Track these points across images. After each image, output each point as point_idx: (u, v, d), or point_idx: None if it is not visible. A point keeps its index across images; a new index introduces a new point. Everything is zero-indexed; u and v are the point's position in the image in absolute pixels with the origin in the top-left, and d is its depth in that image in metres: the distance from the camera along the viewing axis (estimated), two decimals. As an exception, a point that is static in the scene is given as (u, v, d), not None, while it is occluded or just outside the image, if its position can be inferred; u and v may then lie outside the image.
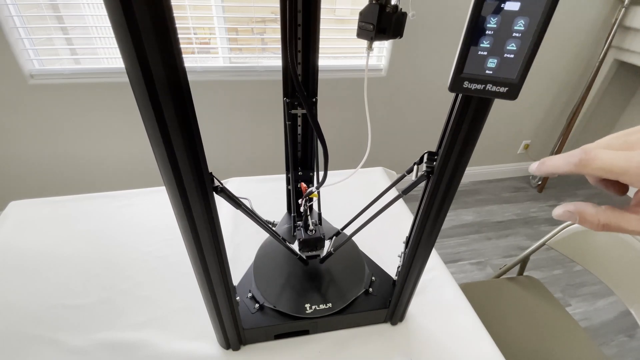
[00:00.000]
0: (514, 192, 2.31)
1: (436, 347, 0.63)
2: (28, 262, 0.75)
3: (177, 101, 0.31)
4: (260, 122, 1.79)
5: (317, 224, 0.63)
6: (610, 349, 1.40)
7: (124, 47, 0.27)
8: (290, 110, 0.63)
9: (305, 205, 0.62)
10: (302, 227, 0.63)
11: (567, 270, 1.74)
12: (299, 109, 0.63)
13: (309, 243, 0.62)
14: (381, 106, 1.89)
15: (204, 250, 0.44)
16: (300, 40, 0.56)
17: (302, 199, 0.61)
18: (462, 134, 0.39)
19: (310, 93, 0.62)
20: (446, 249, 1.84)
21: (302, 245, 0.62)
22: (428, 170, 0.44)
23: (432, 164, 0.43)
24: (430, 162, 0.44)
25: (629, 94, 2.25)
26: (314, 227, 0.62)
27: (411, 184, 0.46)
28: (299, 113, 0.65)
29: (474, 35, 0.30)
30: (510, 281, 1.07)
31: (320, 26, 0.56)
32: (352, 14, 1.69)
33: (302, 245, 0.62)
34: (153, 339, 0.62)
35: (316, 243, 0.62)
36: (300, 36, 0.56)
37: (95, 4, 1.42)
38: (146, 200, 0.93)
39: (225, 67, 1.63)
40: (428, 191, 0.45)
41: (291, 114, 0.64)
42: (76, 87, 1.51)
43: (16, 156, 1.64)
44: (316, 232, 0.62)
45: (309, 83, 0.61)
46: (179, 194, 0.38)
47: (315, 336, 0.63)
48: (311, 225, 0.62)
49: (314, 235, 0.61)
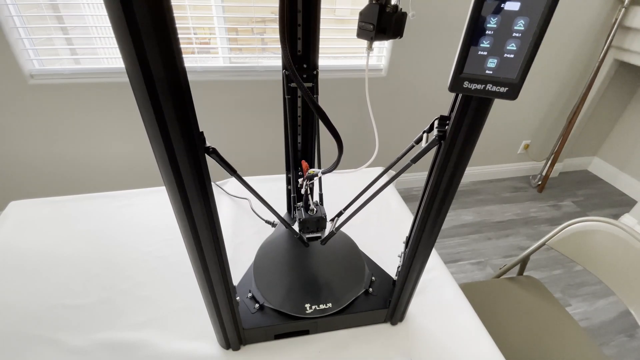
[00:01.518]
0: (514, 192, 2.31)
1: (436, 347, 0.63)
2: (28, 262, 0.75)
3: (177, 101, 0.31)
4: (260, 122, 1.79)
5: (318, 204, 0.61)
6: (610, 349, 1.40)
7: (124, 47, 0.27)
8: (290, 83, 0.60)
9: (306, 185, 0.58)
10: (302, 208, 0.60)
11: (567, 270, 1.74)
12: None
13: (310, 223, 0.59)
14: (381, 106, 1.89)
15: (204, 250, 0.44)
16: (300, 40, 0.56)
17: (304, 179, 0.58)
18: (462, 134, 0.39)
19: (311, 66, 0.59)
20: (446, 249, 1.84)
21: (303, 225, 0.59)
22: (440, 134, 0.41)
23: (444, 128, 0.41)
24: (441, 127, 0.41)
25: (629, 94, 2.25)
26: (315, 207, 0.60)
27: (421, 151, 0.43)
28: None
29: (474, 35, 0.30)
30: (510, 281, 1.07)
31: (320, 26, 0.56)
32: (352, 14, 1.69)
33: (303, 225, 0.59)
34: (153, 339, 0.62)
35: (317, 223, 0.59)
36: (300, 36, 0.56)
37: (95, 4, 1.42)
38: (146, 200, 0.93)
39: (225, 67, 1.63)
40: (439, 159, 0.42)
41: (290, 88, 0.60)
42: (76, 87, 1.51)
43: (16, 156, 1.64)
44: (317, 212, 0.59)
45: (309, 54, 0.58)
46: (179, 194, 0.38)
47: (315, 336, 0.63)
48: (312, 205, 0.60)
49: (315, 215, 0.59)
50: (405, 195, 2.21)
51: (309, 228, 0.60)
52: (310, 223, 0.59)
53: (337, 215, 0.64)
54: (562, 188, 2.37)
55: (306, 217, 0.58)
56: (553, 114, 2.22)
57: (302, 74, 0.60)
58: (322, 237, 0.63)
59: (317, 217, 0.59)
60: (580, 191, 2.35)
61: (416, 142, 0.46)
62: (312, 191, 0.62)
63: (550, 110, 2.20)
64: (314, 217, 0.59)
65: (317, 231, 0.61)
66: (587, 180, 2.47)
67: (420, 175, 2.26)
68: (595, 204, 2.23)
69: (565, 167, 2.52)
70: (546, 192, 2.32)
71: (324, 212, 0.60)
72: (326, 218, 0.60)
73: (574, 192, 2.33)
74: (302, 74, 0.60)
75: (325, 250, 0.71)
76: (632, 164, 2.30)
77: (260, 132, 1.83)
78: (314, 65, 0.60)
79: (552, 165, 2.25)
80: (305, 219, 0.59)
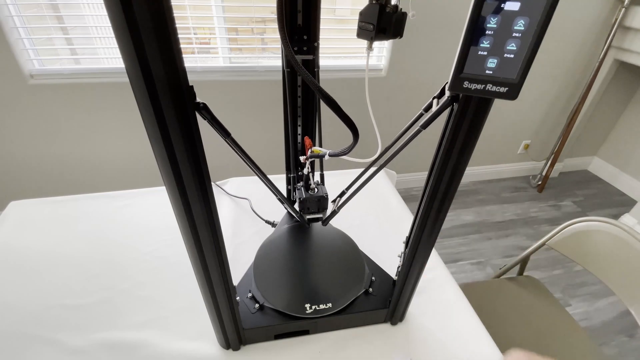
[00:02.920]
0: (514, 192, 2.31)
1: (436, 347, 0.63)
2: (28, 262, 0.74)
3: (177, 101, 0.31)
4: (260, 122, 1.79)
5: (320, 183, 0.58)
6: (610, 349, 1.40)
7: (124, 47, 0.27)
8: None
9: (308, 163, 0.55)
10: (302, 187, 0.57)
11: (567, 270, 1.74)
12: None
13: (311, 202, 0.55)
14: (381, 106, 1.89)
15: (204, 250, 0.44)
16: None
17: (306, 157, 0.54)
18: (462, 134, 0.39)
19: (311, 37, 0.57)
20: (446, 249, 1.84)
21: (303, 205, 0.56)
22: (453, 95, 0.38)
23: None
24: None
25: (629, 94, 2.25)
26: (316, 187, 0.57)
27: (432, 114, 0.41)
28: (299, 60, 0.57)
29: (474, 35, 0.30)
30: (510, 281, 1.07)
31: (320, 26, 0.56)
32: (352, 14, 1.69)
33: (303, 205, 0.56)
34: (153, 339, 0.62)
35: (319, 203, 0.56)
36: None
37: (95, 4, 1.42)
38: (146, 200, 0.93)
39: (225, 67, 1.63)
40: (452, 123, 0.40)
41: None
42: (76, 87, 1.51)
43: (16, 156, 1.64)
44: (318, 192, 0.56)
45: (309, 26, 0.56)
46: (179, 193, 0.38)
47: (315, 336, 0.63)
48: (313, 184, 0.57)
49: (317, 194, 0.56)
50: (405, 195, 2.21)
51: (309, 208, 0.57)
52: (311, 202, 0.56)
53: (339, 195, 0.60)
54: (562, 188, 2.37)
55: (307, 196, 0.55)
56: (553, 114, 2.22)
57: (302, 46, 0.57)
58: (324, 217, 0.59)
59: (318, 196, 0.56)
60: (580, 191, 2.35)
61: (425, 109, 0.43)
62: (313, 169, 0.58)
63: (550, 110, 2.20)
64: (315, 196, 0.56)
65: (319, 212, 0.58)
66: (587, 180, 2.47)
67: (420, 175, 2.26)
68: (595, 204, 2.23)
69: (565, 167, 2.52)
70: (546, 192, 2.32)
71: (326, 192, 0.57)
72: (328, 198, 0.57)
73: (574, 192, 2.33)
74: (303, 47, 0.57)
75: (325, 250, 0.71)
76: (632, 164, 2.30)
77: (260, 132, 1.83)
78: (315, 37, 0.57)
79: (552, 165, 2.25)
80: (306, 198, 0.56)
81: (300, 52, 0.58)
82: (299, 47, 0.57)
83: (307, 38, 0.57)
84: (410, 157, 2.16)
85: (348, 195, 0.57)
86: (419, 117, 0.45)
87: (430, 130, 0.43)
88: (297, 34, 0.56)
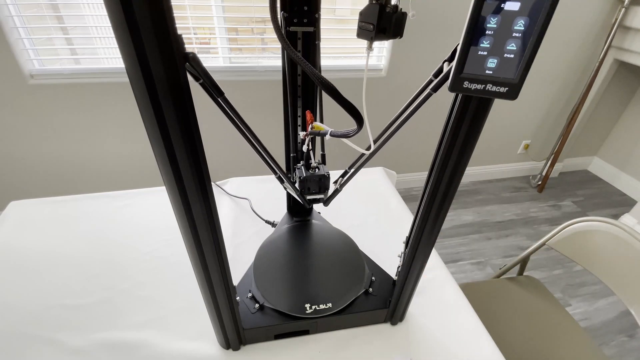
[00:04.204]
0: (514, 192, 2.31)
1: (436, 347, 0.63)
2: (28, 262, 0.74)
3: (177, 101, 0.31)
4: (260, 122, 1.79)
5: (321, 162, 0.55)
6: (610, 349, 1.40)
7: (124, 47, 0.27)
8: (289, 27, 0.52)
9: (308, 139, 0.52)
10: (302, 167, 0.54)
11: (567, 270, 1.74)
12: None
13: (312, 182, 0.52)
14: (381, 106, 1.89)
15: (204, 250, 0.44)
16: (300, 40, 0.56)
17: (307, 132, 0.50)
18: (462, 134, 0.39)
19: (312, 8, 0.53)
20: (446, 249, 1.84)
21: (304, 185, 0.52)
22: None
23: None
24: None
25: (629, 94, 2.25)
26: (317, 165, 0.54)
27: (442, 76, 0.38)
28: (299, 32, 0.52)
29: (474, 35, 0.30)
30: (510, 281, 1.07)
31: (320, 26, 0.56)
32: (352, 14, 1.69)
33: (304, 185, 0.52)
34: (153, 339, 0.62)
35: (320, 182, 0.53)
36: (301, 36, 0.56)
37: (95, 4, 1.42)
38: (146, 200, 0.93)
39: (225, 67, 1.63)
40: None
41: (290, 32, 0.52)
42: (76, 87, 1.51)
43: (16, 156, 1.64)
44: (320, 171, 0.53)
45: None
46: (179, 193, 0.38)
47: (315, 336, 0.63)
48: (314, 163, 0.54)
49: (318, 173, 0.53)
50: (405, 195, 2.21)
51: (310, 188, 0.54)
52: (311, 182, 0.53)
53: (342, 175, 0.57)
54: (562, 188, 2.37)
55: (307, 175, 0.52)
56: (553, 114, 2.22)
57: (302, 18, 0.53)
58: (325, 197, 0.57)
59: (319, 175, 0.53)
60: (580, 191, 2.35)
61: (435, 75, 0.41)
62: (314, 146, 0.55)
63: (550, 110, 2.20)
64: (315, 175, 0.53)
65: (320, 192, 0.55)
66: (587, 180, 2.47)
67: (420, 175, 2.26)
68: (595, 204, 2.23)
69: (565, 167, 2.52)
70: (546, 192, 2.32)
71: (327, 171, 0.54)
72: (329, 177, 0.54)
73: (574, 192, 2.33)
74: (303, 18, 0.54)
75: (325, 250, 0.71)
76: (632, 164, 2.30)
77: (260, 132, 1.82)
78: (316, 8, 0.53)
79: (552, 165, 2.25)
80: (306, 177, 0.52)
81: (300, 24, 0.54)
82: (298, 18, 0.53)
83: (307, 9, 0.53)
84: (410, 157, 2.16)
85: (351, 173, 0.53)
86: (429, 83, 0.43)
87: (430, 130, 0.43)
88: (297, 5, 0.53)
